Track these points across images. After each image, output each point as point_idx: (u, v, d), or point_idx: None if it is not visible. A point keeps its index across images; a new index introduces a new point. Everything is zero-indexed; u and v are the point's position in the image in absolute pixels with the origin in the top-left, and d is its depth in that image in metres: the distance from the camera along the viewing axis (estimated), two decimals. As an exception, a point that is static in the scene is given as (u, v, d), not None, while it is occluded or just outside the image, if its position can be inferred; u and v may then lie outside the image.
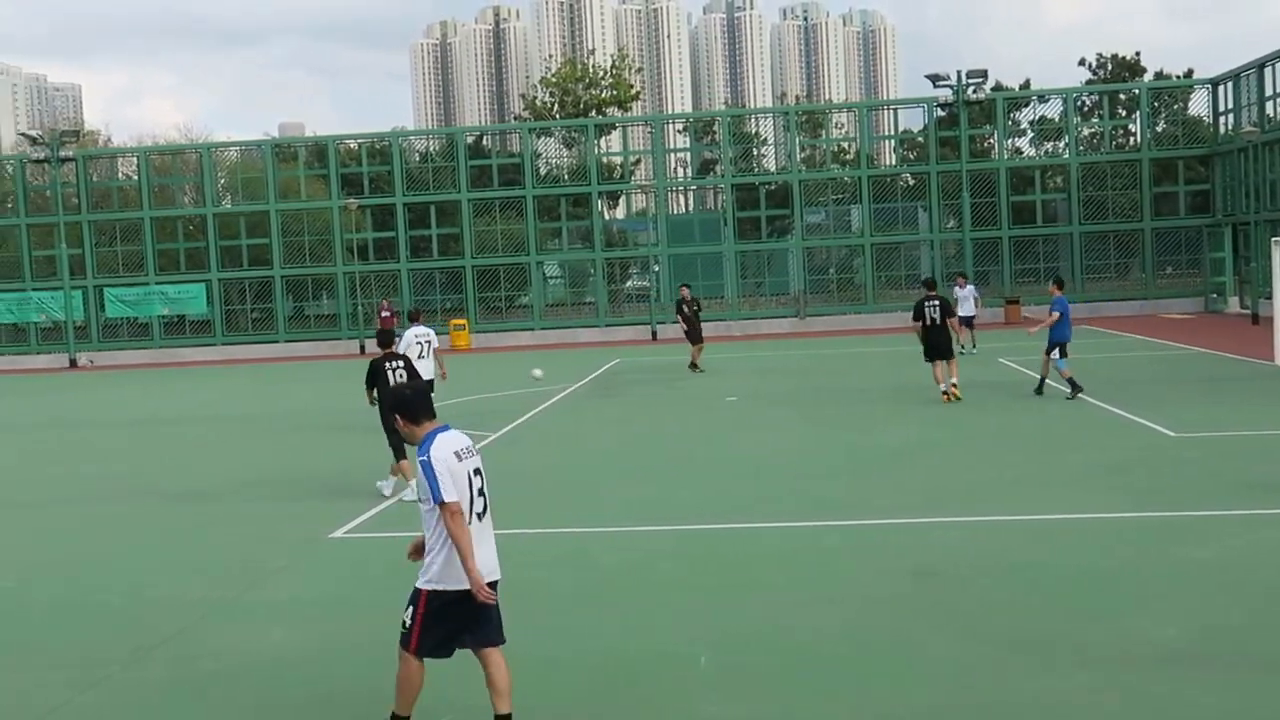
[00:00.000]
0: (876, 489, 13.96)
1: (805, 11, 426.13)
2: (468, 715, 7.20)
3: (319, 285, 54.32)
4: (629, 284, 55.92)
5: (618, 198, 60.46)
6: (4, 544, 13.23)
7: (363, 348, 50.05)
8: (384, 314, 49.23)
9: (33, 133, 58.50)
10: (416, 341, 19.48)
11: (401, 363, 14.76)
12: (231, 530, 13.28)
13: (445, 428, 6.56)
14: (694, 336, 31.39)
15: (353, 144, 56.26)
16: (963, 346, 31.38)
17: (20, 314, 53.41)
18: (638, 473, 15.83)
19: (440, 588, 6.39)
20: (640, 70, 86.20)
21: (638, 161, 57.98)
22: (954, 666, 7.69)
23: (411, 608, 6.52)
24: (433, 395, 19.46)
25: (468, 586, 6.31)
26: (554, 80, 74.24)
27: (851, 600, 9.39)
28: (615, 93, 72.90)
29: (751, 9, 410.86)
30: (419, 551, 6.73)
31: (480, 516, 6.48)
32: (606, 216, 58.73)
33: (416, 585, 6.54)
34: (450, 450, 6.42)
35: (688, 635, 8.55)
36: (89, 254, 53.04)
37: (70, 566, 11.83)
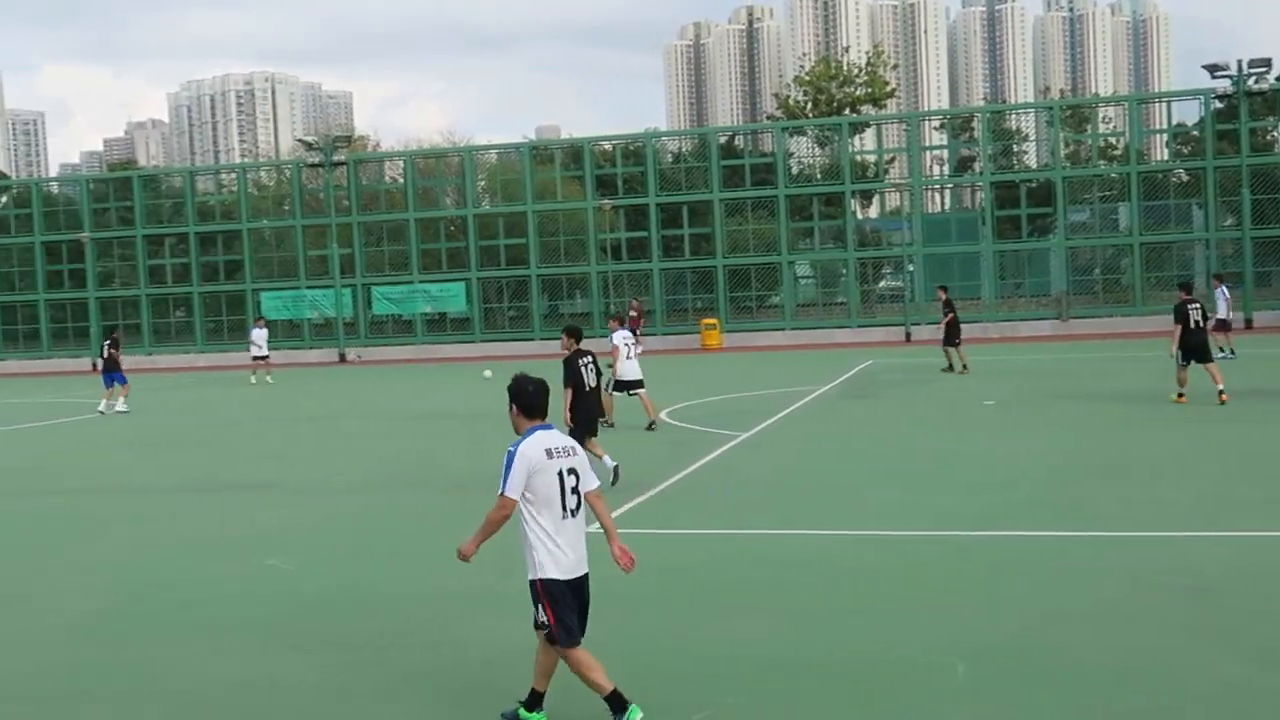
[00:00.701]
0: (1138, 499, 13.34)
1: (1071, 3, 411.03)
2: (721, 713, 7.21)
3: (573, 284, 55.32)
4: (882, 284, 55.08)
5: (871, 197, 59.64)
6: (291, 530, 13.69)
7: (614, 346, 50.53)
8: (632, 313, 49.85)
9: (308, 139, 61.69)
10: (625, 344, 21.26)
11: (591, 359, 15.45)
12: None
13: (548, 427, 6.82)
14: (953, 338, 31.14)
15: (607, 145, 57.07)
16: (1221, 350, 30.31)
17: (295, 310, 55.92)
18: (890, 476, 15.55)
19: (546, 576, 6.63)
20: (896, 67, 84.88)
21: (892, 160, 57.01)
22: (1248, 693, 7.24)
23: (538, 605, 6.71)
24: (643, 390, 20.55)
25: (570, 576, 6.64)
26: (808, 79, 73.76)
27: (1114, 617, 8.97)
28: (870, 90, 71.97)
29: (1014, 1, 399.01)
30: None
31: (573, 514, 6.70)
32: (859, 216, 58.04)
33: (530, 580, 6.74)
34: (541, 448, 6.68)
35: (940, 643, 8.37)
36: (358, 253, 55.12)
37: (346, 553, 12.21)
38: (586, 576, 6.78)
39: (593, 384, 15.33)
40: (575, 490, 6.70)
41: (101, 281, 58.59)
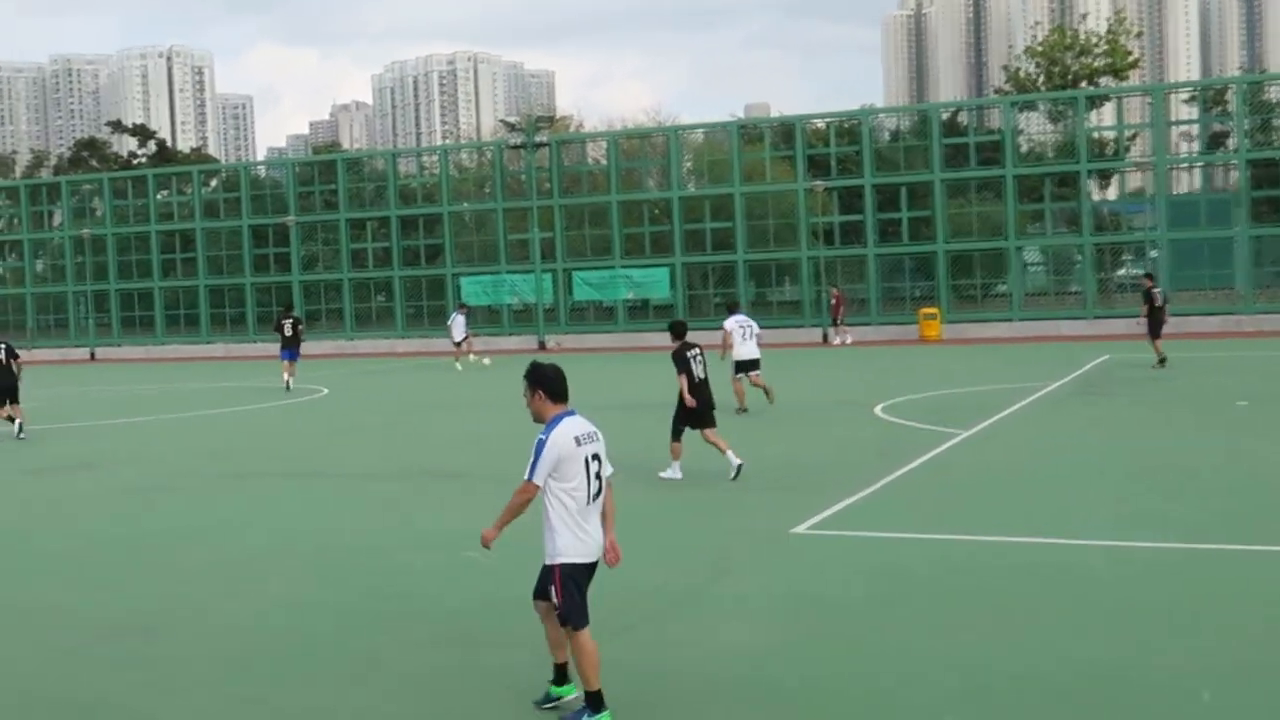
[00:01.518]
0: None
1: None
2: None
3: (781, 271, 54.97)
4: (1121, 272, 53.19)
5: (1110, 177, 57.60)
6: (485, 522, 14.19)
7: (825, 336, 50.27)
8: (833, 301, 49.52)
9: (510, 119, 62.62)
10: (740, 327, 23.12)
11: (698, 351, 16.21)
12: (702, 518, 13.53)
13: (572, 413, 7.19)
14: (1157, 328, 30.75)
15: (820, 124, 56.60)
16: None
17: (494, 296, 56.70)
18: (1126, 481, 14.93)
19: (568, 561, 7.04)
20: (1140, 35, 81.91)
21: (1134, 136, 55.03)
22: None
23: (550, 587, 7.13)
24: (757, 371, 22.75)
25: (592, 559, 7.11)
26: (1040, 49, 71.89)
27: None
28: (1110, 61, 69.67)
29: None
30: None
31: (595, 498, 7.12)
32: (1096, 198, 56.13)
33: (547, 564, 7.14)
34: (570, 435, 7.06)
35: (1181, 664, 8.01)
36: (559, 237, 55.52)
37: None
38: (596, 565, 7.23)
39: (702, 376, 16.11)
40: (599, 475, 7.12)
41: (305, 265, 60.57)
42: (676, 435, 15.88)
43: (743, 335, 22.87)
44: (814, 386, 29.26)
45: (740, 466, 15.46)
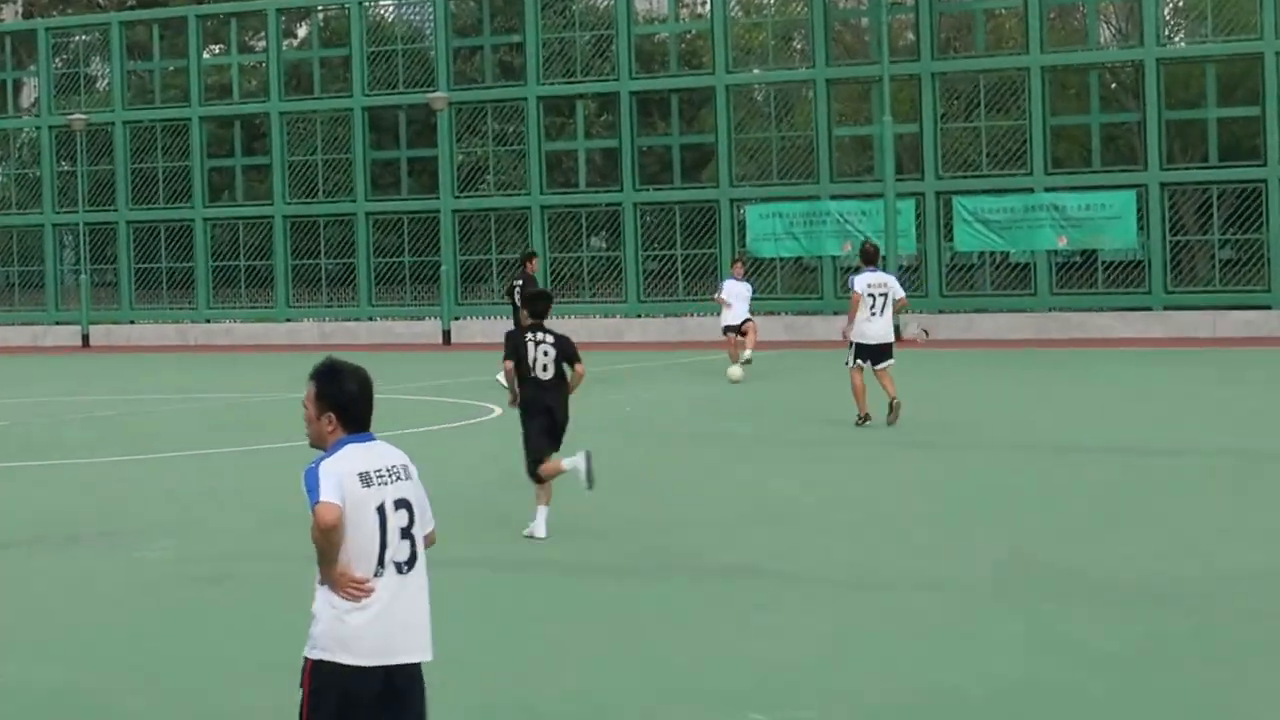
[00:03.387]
0: None
1: None
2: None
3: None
4: None
5: None
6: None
7: None
8: None
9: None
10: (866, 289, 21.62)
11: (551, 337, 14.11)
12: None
13: (368, 438, 6.12)
14: None
15: None
16: None
17: (807, 241, 43.56)
18: None
19: (325, 658, 6.00)
20: None
21: None
22: None
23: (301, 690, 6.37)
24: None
25: (371, 662, 5.91)
26: None
27: None
28: None
29: None
30: None
31: (407, 566, 6.19)
32: None
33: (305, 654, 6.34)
34: (354, 471, 6.07)
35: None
36: (930, 134, 42.09)
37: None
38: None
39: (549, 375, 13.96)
40: (407, 532, 5.96)
41: (462, 182, 47.90)
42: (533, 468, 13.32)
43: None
44: None
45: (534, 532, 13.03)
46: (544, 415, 12.75)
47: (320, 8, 52.18)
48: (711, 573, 12.07)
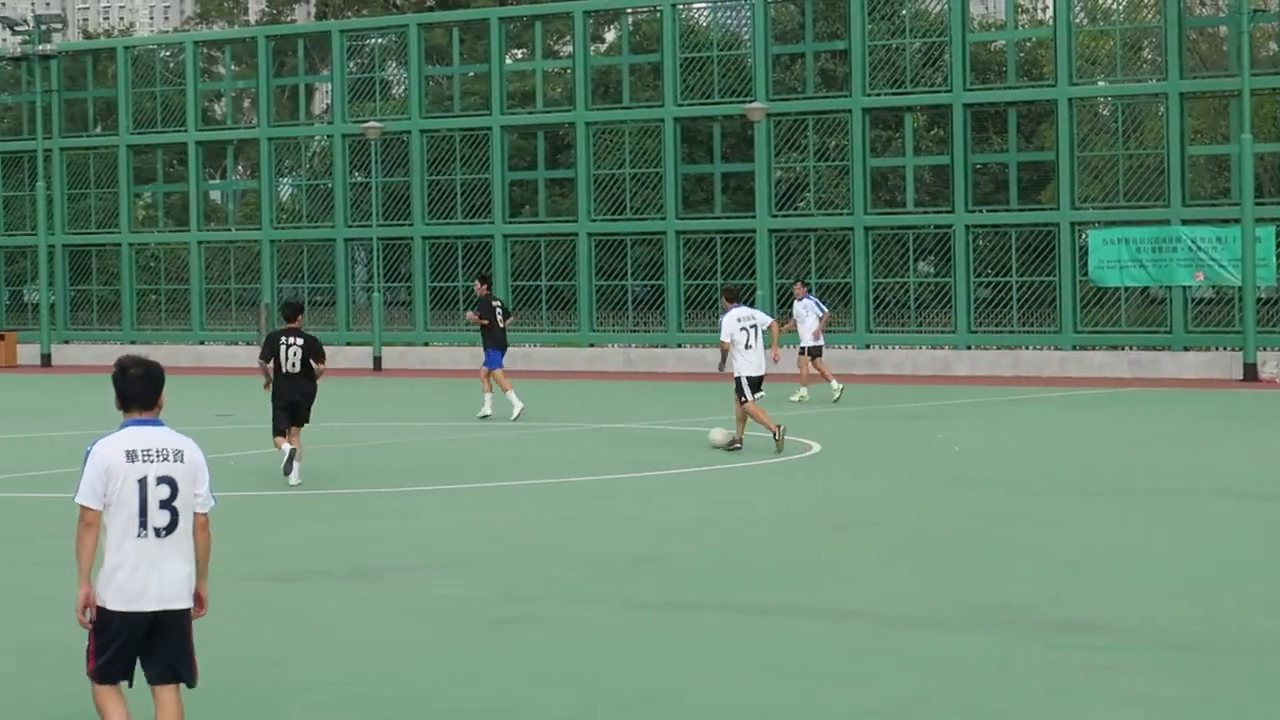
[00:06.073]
0: None
1: None
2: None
3: None
4: None
5: None
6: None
7: None
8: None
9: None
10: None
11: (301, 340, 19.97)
12: None
13: (155, 423, 7.59)
14: None
15: None
16: None
17: (1154, 270, 42.75)
18: None
19: (101, 605, 7.51)
20: None
21: None
22: None
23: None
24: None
25: (129, 608, 7.44)
26: None
27: None
28: None
29: None
30: None
31: (165, 532, 7.61)
32: None
33: None
34: (121, 448, 7.45)
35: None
36: None
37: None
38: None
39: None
40: (169, 504, 7.38)
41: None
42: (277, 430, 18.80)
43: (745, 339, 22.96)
44: None
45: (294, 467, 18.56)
46: (289, 403, 18.31)
47: (630, 10, 51.19)
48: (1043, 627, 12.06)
